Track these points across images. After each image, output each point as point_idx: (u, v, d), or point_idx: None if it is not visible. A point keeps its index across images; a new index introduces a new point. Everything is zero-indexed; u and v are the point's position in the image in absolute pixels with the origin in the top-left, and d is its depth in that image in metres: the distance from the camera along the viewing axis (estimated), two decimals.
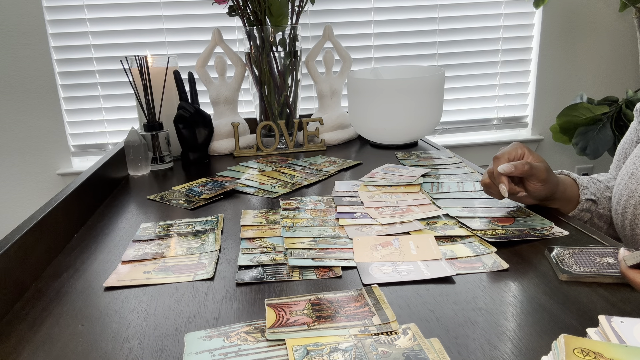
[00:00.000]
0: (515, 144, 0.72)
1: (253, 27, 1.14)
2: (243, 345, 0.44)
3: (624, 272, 0.51)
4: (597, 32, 1.97)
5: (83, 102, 1.79)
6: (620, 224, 0.71)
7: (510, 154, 0.70)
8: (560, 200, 0.73)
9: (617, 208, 0.71)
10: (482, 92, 2.00)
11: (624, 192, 0.70)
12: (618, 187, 0.72)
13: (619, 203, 0.70)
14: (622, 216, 0.70)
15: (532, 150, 0.71)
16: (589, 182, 0.78)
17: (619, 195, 0.71)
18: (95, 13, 1.72)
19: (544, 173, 0.68)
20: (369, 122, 1.14)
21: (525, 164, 0.67)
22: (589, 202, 0.75)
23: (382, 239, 0.65)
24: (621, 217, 0.70)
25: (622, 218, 0.70)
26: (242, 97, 1.83)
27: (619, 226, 0.71)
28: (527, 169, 0.67)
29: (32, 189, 1.81)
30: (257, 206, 0.81)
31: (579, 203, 0.75)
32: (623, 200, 0.70)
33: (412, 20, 1.88)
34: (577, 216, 0.75)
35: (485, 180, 0.71)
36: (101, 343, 0.46)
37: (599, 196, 0.76)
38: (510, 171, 0.67)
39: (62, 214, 0.70)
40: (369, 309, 0.48)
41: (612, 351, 0.36)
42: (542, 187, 0.69)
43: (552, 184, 0.70)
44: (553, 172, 0.71)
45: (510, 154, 0.70)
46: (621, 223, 0.70)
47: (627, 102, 1.72)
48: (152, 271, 0.60)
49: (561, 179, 0.74)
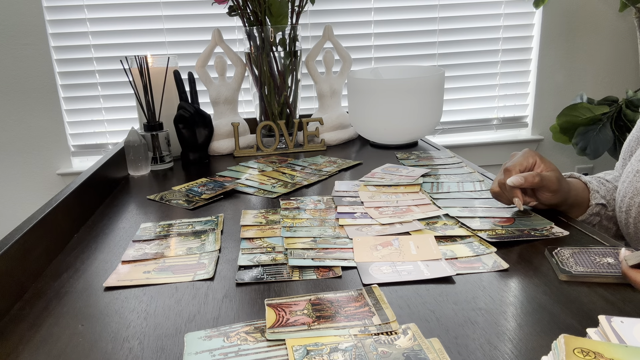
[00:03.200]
0: (527, 152, 0.70)
1: (253, 27, 1.14)
2: (243, 345, 0.44)
3: (625, 272, 0.51)
4: (597, 32, 1.97)
5: (83, 102, 1.79)
6: (624, 222, 0.70)
7: (522, 165, 0.69)
8: (572, 205, 0.73)
9: (622, 206, 0.70)
10: (482, 92, 2.00)
11: (628, 189, 0.69)
12: (623, 185, 0.71)
13: (624, 201, 0.70)
14: (626, 214, 0.69)
15: (544, 158, 0.70)
16: (598, 184, 0.76)
17: (624, 192, 0.70)
18: (95, 13, 1.72)
19: (555, 184, 0.67)
20: (369, 122, 1.14)
21: (535, 176, 0.66)
22: (599, 206, 0.74)
23: (382, 239, 0.65)
24: (625, 214, 0.70)
25: (626, 216, 0.69)
26: (242, 97, 1.83)
27: (623, 224, 0.71)
28: (537, 181, 0.66)
29: (32, 189, 1.81)
30: (257, 206, 0.81)
31: (589, 207, 0.74)
32: (627, 198, 0.69)
33: (412, 20, 1.89)
34: (586, 220, 0.74)
35: (495, 189, 0.71)
36: (101, 343, 0.46)
37: (608, 198, 0.76)
38: (520, 184, 0.66)
39: (62, 213, 0.70)
40: (369, 309, 0.48)
41: (612, 351, 0.36)
42: (554, 196, 0.68)
43: (564, 192, 0.69)
44: (565, 179, 0.70)
45: (522, 164, 0.69)
46: (625, 221, 0.70)
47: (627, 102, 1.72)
48: (152, 271, 0.60)
49: (572, 184, 0.73)
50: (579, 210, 0.74)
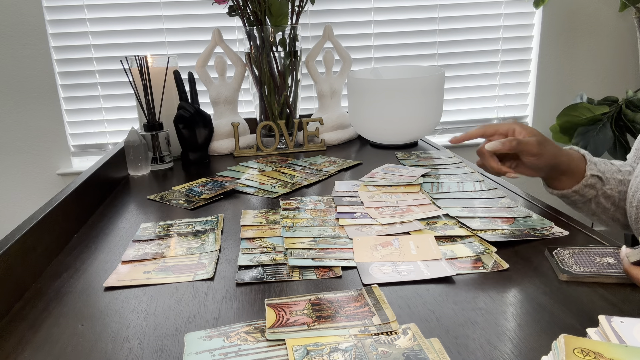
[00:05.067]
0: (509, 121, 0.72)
1: (253, 27, 1.14)
2: (243, 345, 0.44)
3: (627, 270, 0.50)
4: (597, 32, 1.97)
5: (83, 102, 1.79)
6: (634, 217, 0.70)
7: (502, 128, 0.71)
8: (565, 172, 0.72)
9: (633, 201, 0.70)
10: (482, 92, 2.00)
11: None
12: (635, 180, 0.71)
13: (635, 196, 0.69)
14: (636, 209, 0.69)
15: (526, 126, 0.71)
16: (598, 160, 0.76)
17: (635, 187, 0.70)
18: (95, 13, 1.72)
19: (535, 147, 0.68)
20: (369, 122, 1.14)
21: (512, 140, 0.67)
22: (594, 177, 0.73)
23: (382, 239, 0.65)
24: (635, 210, 0.69)
25: (636, 211, 0.69)
26: (242, 97, 1.83)
27: (633, 219, 0.70)
28: (514, 144, 0.67)
29: (32, 189, 1.81)
30: (257, 206, 0.81)
31: (583, 178, 0.73)
32: (639, 193, 0.69)
33: (412, 20, 1.88)
34: (581, 191, 0.73)
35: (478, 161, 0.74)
36: (101, 343, 0.46)
37: (608, 176, 0.75)
38: (498, 148, 0.67)
39: (62, 214, 0.70)
40: (369, 309, 0.48)
41: (612, 351, 0.36)
42: (538, 160, 0.69)
43: (550, 155, 0.69)
44: (552, 142, 0.71)
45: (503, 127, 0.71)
46: (635, 216, 0.69)
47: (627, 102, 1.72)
48: (152, 271, 0.60)
49: (566, 151, 0.73)
50: (572, 179, 0.74)
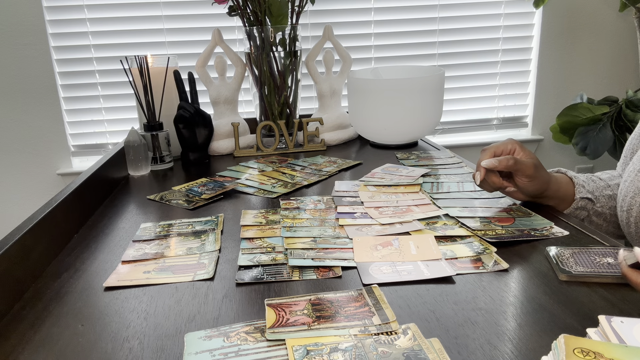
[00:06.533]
0: (509, 139, 0.72)
1: (253, 27, 1.14)
2: (243, 345, 0.44)
3: (625, 273, 0.51)
4: (597, 32, 1.97)
5: (83, 102, 1.79)
6: (625, 221, 0.70)
7: (499, 148, 0.71)
8: (553, 198, 0.73)
9: (623, 205, 0.70)
10: (482, 92, 2.00)
11: (630, 189, 0.69)
12: (624, 184, 0.72)
13: (625, 200, 0.70)
14: (627, 213, 0.69)
15: (525, 147, 0.72)
16: (587, 180, 0.77)
17: (625, 192, 0.70)
18: (95, 13, 1.72)
19: (531, 169, 0.68)
20: (369, 122, 1.14)
21: (510, 159, 0.67)
22: (584, 200, 0.75)
23: (382, 239, 0.65)
24: (626, 214, 0.70)
25: (627, 215, 0.69)
26: (242, 97, 1.83)
27: (624, 223, 0.71)
28: (511, 164, 0.67)
29: (32, 189, 1.81)
30: (257, 206, 0.81)
31: (573, 201, 0.75)
32: (629, 197, 0.69)
33: (412, 20, 1.88)
34: (572, 214, 0.75)
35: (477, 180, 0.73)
36: (101, 343, 0.46)
37: (597, 194, 0.76)
38: (493, 166, 0.67)
39: (62, 214, 0.70)
40: (369, 309, 0.48)
41: (612, 351, 0.36)
42: (530, 183, 0.69)
43: (542, 180, 0.70)
44: (545, 169, 0.72)
45: (499, 148, 0.71)
46: (626, 220, 0.70)
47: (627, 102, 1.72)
48: (152, 271, 0.60)
49: (555, 177, 0.74)
50: (563, 204, 0.75)
